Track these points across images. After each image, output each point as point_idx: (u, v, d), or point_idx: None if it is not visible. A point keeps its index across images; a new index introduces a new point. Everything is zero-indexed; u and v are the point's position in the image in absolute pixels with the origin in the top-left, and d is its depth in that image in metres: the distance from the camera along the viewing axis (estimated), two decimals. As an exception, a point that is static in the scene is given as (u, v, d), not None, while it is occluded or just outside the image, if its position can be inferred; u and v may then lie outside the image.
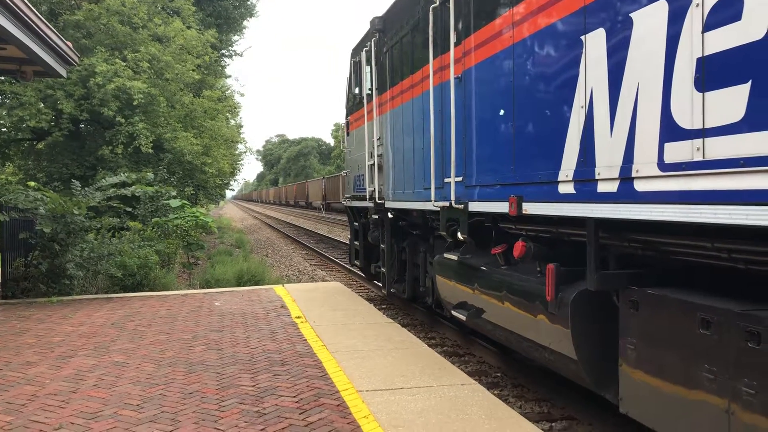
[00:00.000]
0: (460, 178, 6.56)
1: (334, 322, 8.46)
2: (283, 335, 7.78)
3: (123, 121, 17.83)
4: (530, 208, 5.12)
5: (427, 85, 7.48)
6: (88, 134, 20.62)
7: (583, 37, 4.44)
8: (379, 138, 9.88)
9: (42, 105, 17.79)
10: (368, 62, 10.42)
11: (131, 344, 7.40)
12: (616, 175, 4.07)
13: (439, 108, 7.13)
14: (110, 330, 8.17)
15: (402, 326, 8.71)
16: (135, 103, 17.50)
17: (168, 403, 5.30)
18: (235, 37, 31.42)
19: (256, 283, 13.62)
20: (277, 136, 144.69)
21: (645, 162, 3.82)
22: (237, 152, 30.65)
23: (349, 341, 7.39)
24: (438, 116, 7.17)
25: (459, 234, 6.77)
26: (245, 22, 31.30)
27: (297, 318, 8.79)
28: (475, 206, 6.31)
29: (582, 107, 4.45)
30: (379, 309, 10.33)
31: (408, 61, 8.46)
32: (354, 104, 11.97)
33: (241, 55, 32.87)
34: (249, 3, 30.86)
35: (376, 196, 9.91)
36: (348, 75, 12.23)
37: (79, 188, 12.04)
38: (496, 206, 5.76)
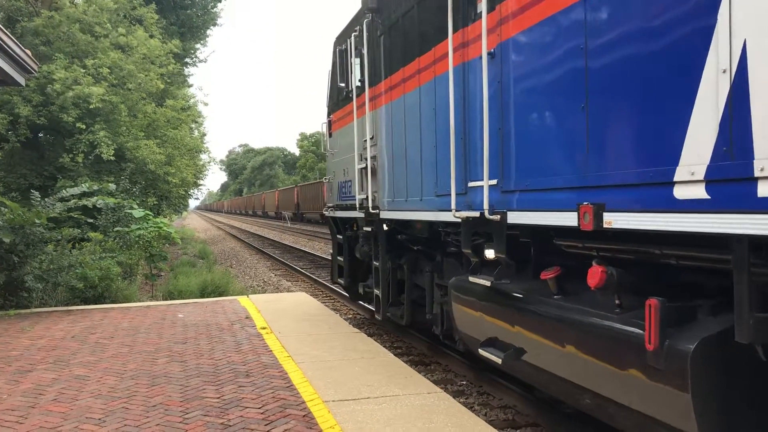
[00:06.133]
0: (494, 182, 5.20)
1: (299, 333, 8.43)
2: (248, 346, 7.72)
3: (83, 127, 17.53)
4: (618, 220, 3.78)
5: (441, 68, 6.20)
6: (48, 143, 20.21)
7: None
8: (372, 137, 8.40)
9: None
10: (358, 49, 8.95)
11: (92, 357, 7.27)
12: None
13: (461, 94, 5.78)
14: (71, 343, 8.01)
15: (368, 335, 8.72)
16: (92, 106, 17.20)
17: (131, 417, 5.22)
18: (198, 46, 31.18)
19: (220, 295, 13.48)
20: (240, 145, 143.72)
21: None
22: (201, 162, 30.32)
23: (315, 351, 7.37)
24: (459, 105, 5.81)
25: (492, 252, 5.46)
26: (209, 31, 31.11)
27: (262, 329, 8.73)
28: (517, 217, 4.92)
29: (724, 71, 3.12)
30: (344, 319, 10.32)
31: (413, 43, 7.04)
32: (338, 100, 10.35)
33: (205, 62, 32.38)
34: (213, 11, 30.67)
35: (369, 204, 8.41)
36: (331, 67, 10.55)
37: (39, 199, 11.79)
38: (556, 218, 4.37)
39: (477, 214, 5.36)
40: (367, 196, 8.50)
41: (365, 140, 8.59)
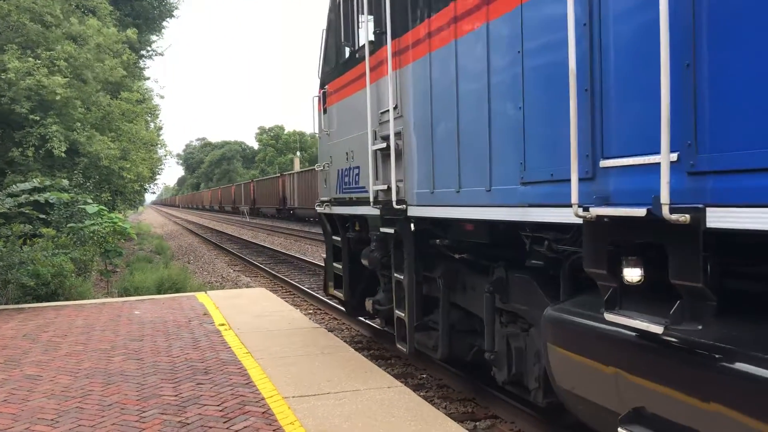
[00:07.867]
0: (674, 157, 3.07)
1: (258, 329, 8.36)
2: (207, 343, 7.63)
3: (36, 119, 17.08)
4: None
5: None
6: (-4, 137, 19.64)
7: None
8: (396, 106, 6.30)
9: None
10: None
11: (45, 356, 7.09)
12: None
13: (586, 21, 3.66)
14: (22, 342, 7.80)
15: (328, 331, 8.70)
16: (58, 98, 16.84)
17: (85, 416, 5.11)
18: (154, 38, 30.64)
19: (178, 291, 13.31)
20: (198, 139, 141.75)
21: None
22: (157, 156, 29.80)
23: (275, 347, 7.32)
24: (585, 36, 3.67)
25: (635, 273, 3.45)
26: (164, 23, 30.61)
27: (221, 325, 8.63)
28: (731, 217, 2.81)
29: None
30: (305, 314, 10.28)
31: None
32: (337, 65, 8.20)
33: (162, 55, 31.93)
34: (169, 3, 30.16)
35: (393, 198, 6.29)
36: (326, 24, 8.52)
37: (-13, 194, 11.44)
38: None
39: (641, 212, 3.17)
40: (389, 187, 6.43)
41: (384, 111, 6.58)
